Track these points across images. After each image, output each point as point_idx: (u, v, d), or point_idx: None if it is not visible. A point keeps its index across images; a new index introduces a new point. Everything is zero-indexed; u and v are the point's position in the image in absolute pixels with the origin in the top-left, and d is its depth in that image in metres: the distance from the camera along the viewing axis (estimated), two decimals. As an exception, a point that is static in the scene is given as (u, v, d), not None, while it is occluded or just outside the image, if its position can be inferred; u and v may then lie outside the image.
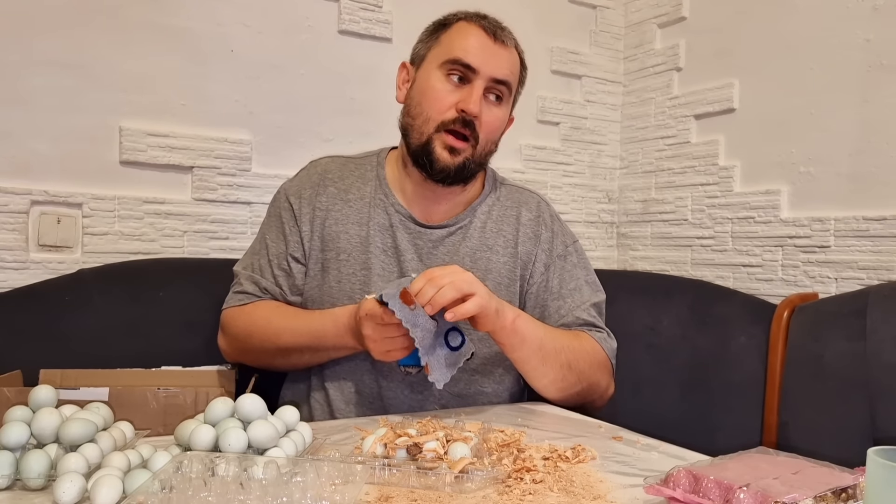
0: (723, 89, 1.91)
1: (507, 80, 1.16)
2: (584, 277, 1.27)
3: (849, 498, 0.68)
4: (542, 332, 1.10)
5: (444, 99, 1.13)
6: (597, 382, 1.18)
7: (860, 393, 1.28)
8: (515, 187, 1.33)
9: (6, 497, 0.69)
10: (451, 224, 1.22)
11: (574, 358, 1.13)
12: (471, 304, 0.96)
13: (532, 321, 1.09)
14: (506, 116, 1.21)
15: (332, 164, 1.29)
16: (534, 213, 1.28)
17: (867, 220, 1.58)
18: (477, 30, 1.15)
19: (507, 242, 1.25)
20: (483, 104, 1.14)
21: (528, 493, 0.74)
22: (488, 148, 1.19)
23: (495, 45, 1.15)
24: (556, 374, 1.11)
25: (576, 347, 1.14)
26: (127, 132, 1.57)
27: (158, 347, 1.37)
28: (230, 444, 0.75)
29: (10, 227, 1.47)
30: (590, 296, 1.25)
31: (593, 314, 1.24)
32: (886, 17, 1.57)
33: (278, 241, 1.24)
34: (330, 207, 1.23)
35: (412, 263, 1.19)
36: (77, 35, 1.52)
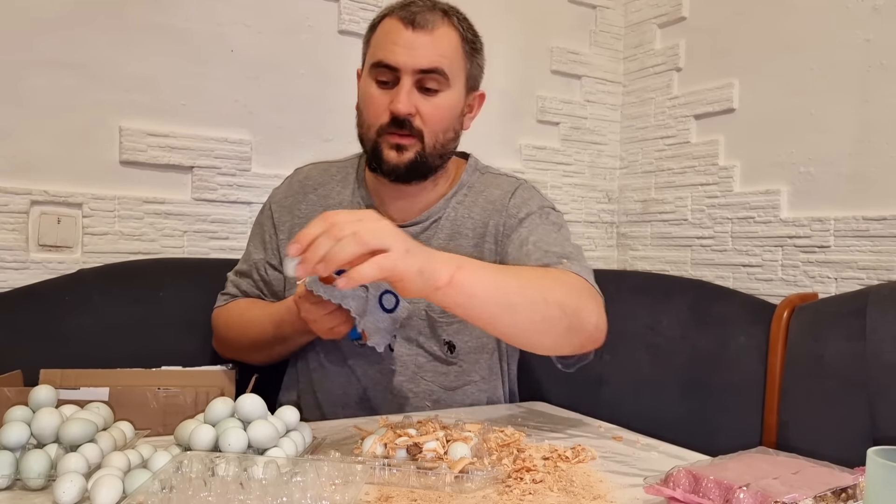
0: (723, 89, 1.91)
1: (436, 66, 1.10)
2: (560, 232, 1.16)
3: (849, 498, 0.69)
4: (499, 276, 0.89)
5: (378, 104, 1.11)
6: (581, 308, 0.96)
7: (860, 393, 1.28)
8: (493, 174, 1.27)
9: (6, 497, 0.70)
10: (424, 220, 1.21)
11: (546, 289, 0.93)
12: (370, 267, 0.74)
13: (482, 268, 0.88)
14: (453, 102, 1.15)
15: (313, 170, 1.31)
16: (504, 190, 1.22)
17: (867, 220, 1.58)
18: (396, 24, 1.10)
19: (476, 224, 1.20)
20: (418, 98, 1.10)
21: (528, 493, 0.74)
22: (442, 139, 1.14)
23: (415, 34, 1.09)
24: (534, 315, 0.90)
25: (544, 276, 0.98)
26: (127, 132, 1.57)
27: (158, 347, 1.37)
28: (230, 444, 0.75)
29: (10, 227, 1.47)
30: (555, 245, 1.10)
31: (568, 249, 1.09)
32: (886, 17, 1.57)
33: (258, 249, 1.30)
34: (310, 215, 1.24)
35: None
36: (77, 35, 1.52)
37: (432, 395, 1.19)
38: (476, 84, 1.22)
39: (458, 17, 1.15)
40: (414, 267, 0.77)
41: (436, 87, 1.11)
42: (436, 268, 0.80)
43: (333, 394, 1.21)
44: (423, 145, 1.12)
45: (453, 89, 1.14)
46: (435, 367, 1.19)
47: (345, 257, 0.74)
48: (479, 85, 1.23)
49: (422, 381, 1.19)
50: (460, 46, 1.15)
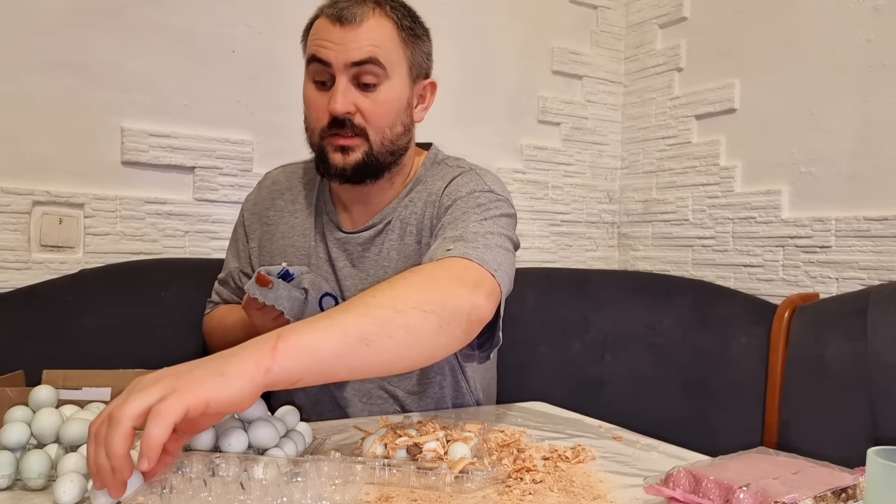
0: (724, 89, 1.91)
1: (368, 56, 1.03)
2: (471, 217, 1.03)
3: (849, 498, 0.69)
4: (334, 316, 0.74)
5: (317, 105, 1.07)
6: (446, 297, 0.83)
7: (861, 393, 1.28)
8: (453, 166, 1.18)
9: (6, 497, 0.70)
10: (378, 223, 1.16)
11: (398, 297, 0.80)
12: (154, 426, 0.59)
13: (310, 319, 0.74)
14: (395, 94, 1.08)
15: (281, 174, 1.29)
16: (445, 180, 1.14)
17: (868, 220, 1.58)
18: (324, 22, 1.06)
19: (418, 219, 1.14)
20: (356, 95, 1.05)
21: (528, 493, 0.74)
22: (389, 134, 1.08)
23: (343, 29, 1.04)
24: (394, 333, 0.76)
25: (395, 284, 0.82)
26: (128, 132, 1.57)
27: (160, 348, 1.38)
28: (230, 444, 0.76)
29: (12, 228, 1.47)
30: (457, 228, 1.00)
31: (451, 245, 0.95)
32: (887, 17, 1.56)
33: (234, 258, 1.30)
34: (278, 221, 1.24)
35: (344, 270, 1.16)
36: (79, 35, 1.52)
37: (398, 399, 1.19)
38: (423, 72, 1.14)
39: (392, 5, 1.09)
40: (204, 381, 0.62)
41: (373, 80, 1.05)
42: (246, 354, 0.66)
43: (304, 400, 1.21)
44: (370, 144, 1.07)
45: (393, 80, 1.07)
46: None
47: (116, 449, 0.59)
48: (428, 73, 1.15)
49: (388, 387, 1.18)
50: (396, 34, 1.07)
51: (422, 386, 1.19)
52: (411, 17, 1.11)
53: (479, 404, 1.25)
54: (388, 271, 1.14)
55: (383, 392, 1.19)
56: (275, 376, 0.66)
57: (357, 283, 1.16)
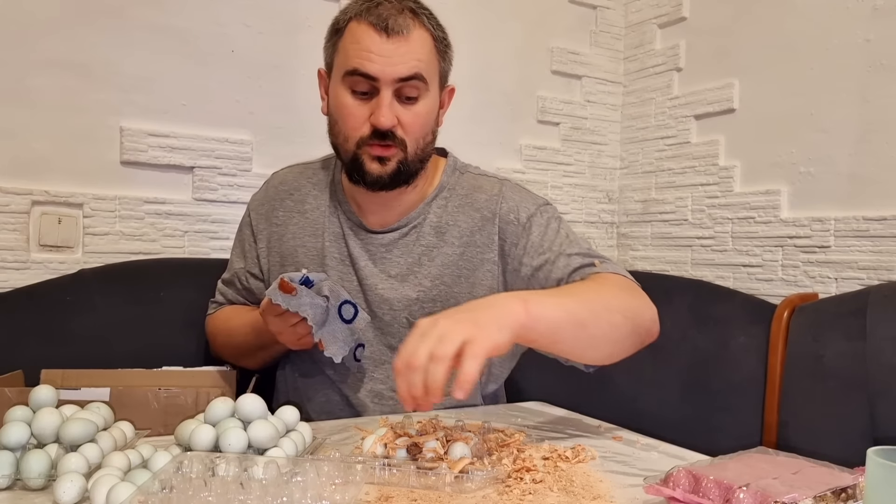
0: (723, 89, 1.91)
1: (415, 72, 1.05)
2: (560, 229, 1.16)
3: (848, 498, 0.69)
4: (559, 296, 0.91)
5: (356, 115, 1.07)
6: (639, 308, 1.01)
7: (860, 393, 1.28)
8: (472, 174, 1.23)
9: (6, 497, 0.70)
10: (403, 225, 1.17)
11: (605, 297, 0.96)
12: (470, 367, 0.74)
13: (542, 294, 0.92)
14: (430, 106, 1.11)
15: (289, 174, 1.29)
16: (489, 194, 1.18)
17: (867, 220, 1.58)
18: (367, 30, 1.05)
19: (462, 232, 1.17)
20: (398, 108, 1.07)
21: (528, 493, 0.74)
22: (422, 144, 1.11)
23: (390, 41, 1.04)
24: (603, 327, 0.92)
25: (596, 286, 1.00)
26: (128, 132, 1.57)
27: (159, 348, 1.38)
28: (230, 444, 0.75)
29: (11, 228, 1.47)
30: (570, 246, 1.13)
31: (585, 249, 1.12)
32: (886, 17, 1.57)
33: (239, 258, 1.30)
34: (287, 222, 1.24)
35: (366, 269, 1.17)
36: (78, 35, 1.52)
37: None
38: (447, 79, 1.17)
39: (427, 15, 1.10)
40: (491, 333, 0.77)
41: (415, 93, 1.07)
42: (506, 310, 0.81)
43: (316, 400, 1.21)
44: (406, 153, 1.09)
45: (431, 93, 1.10)
46: None
47: (441, 381, 0.74)
48: (448, 79, 1.18)
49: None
50: (433, 47, 1.10)
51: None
52: (441, 28, 1.13)
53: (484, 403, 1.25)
54: (416, 274, 1.16)
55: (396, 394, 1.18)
56: (525, 333, 0.82)
57: (378, 281, 1.17)
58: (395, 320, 1.16)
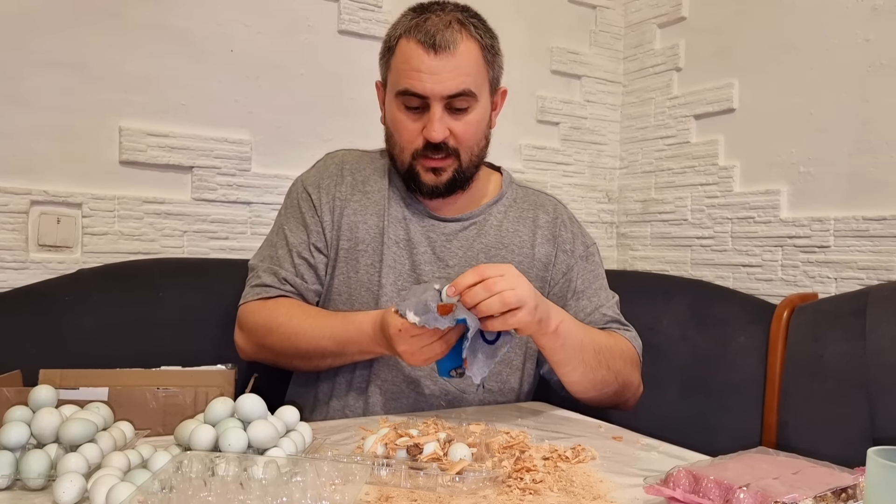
0: (722, 89, 1.91)
1: (464, 89, 1.10)
2: (604, 278, 1.29)
3: (849, 498, 0.69)
4: (582, 334, 1.08)
5: (410, 129, 1.12)
6: (630, 381, 1.17)
7: (860, 393, 1.28)
8: (531, 190, 1.33)
9: (6, 497, 0.70)
10: (466, 218, 1.22)
11: (610, 357, 1.12)
12: (512, 320, 0.92)
13: (574, 323, 1.08)
14: (482, 115, 1.15)
15: (348, 155, 1.30)
16: (551, 216, 1.28)
17: (867, 220, 1.58)
18: (416, 49, 1.08)
19: (524, 243, 1.24)
20: (449, 120, 1.11)
21: (529, 492, 0.74)
22: (476, 150, 1.17)
23: (437, 58, 1.08)
24: (594, 374, 1.10)
25: (611, 346, 1.14)
26: (127, 132, 1.57)
27: (158, 347, 1.37)
28: (230, 444, 0.75)
29: (10, 227, 1.47)
30: (611, 296, 1.27)
31: (618, 312, 1.25)
32: (886, 17, 1.57)
33: (298, 231, 1.22)
34: (349, 197, 1.24)
35: (425, 256, 1.19)
36: (77, 35, 1.52)
37: (447, 395, 1.19)
38: (499, 83, 1.21)
39: (475, 25, 1.13)
40: (536, 319, 0.95)
41: (465, 105, 1.11)
42: (549, 318, 0.99)
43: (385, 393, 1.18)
44: (460, 162, 1.14)
45: (481, 102, 1.14)
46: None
47: (491, 311, 0.91)
48: (500, 82, 1.21)
49: (439, 380, 1.18)
50: (482, 57, 1.13)
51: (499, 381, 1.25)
52: (490, 34, 1.16)
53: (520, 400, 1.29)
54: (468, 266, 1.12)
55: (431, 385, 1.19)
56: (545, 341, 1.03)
57: (434, 269, 1.20)
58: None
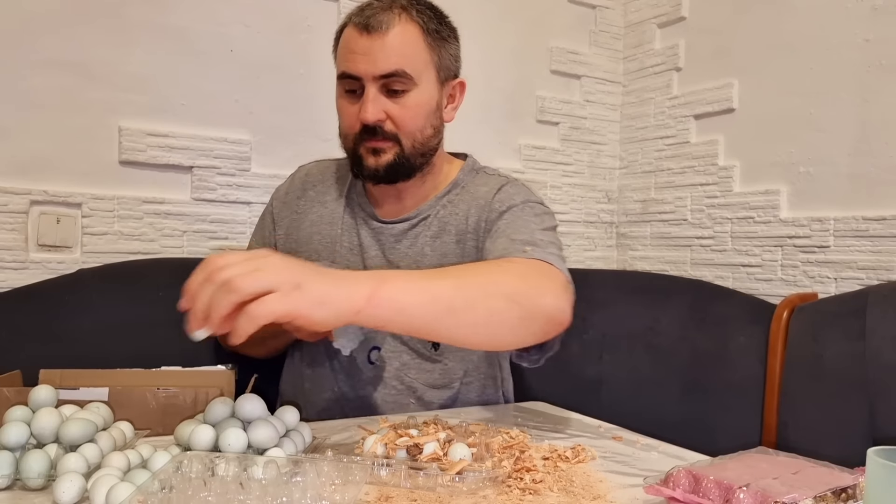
0: (722, 89, 1.91)
1: (396, 69, 1.07)
2: (530, 223, 1.08)
3: (849, 498, 0.69)
4: (432, 281, 0.83)
5: (349, 113, 1.12)
6: (536, 293, 0.90)
7: (860, 393, 1.28)
8: (492, 175, 1.23)
9: (6, 497, 0.69)
10: (412, 217, 1.20)
11: (490, 281, 0.88)
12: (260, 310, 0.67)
13: (411, 277, 0.84)
14: (421, 100, 1.11)
15: (315, 168, 1.33)
16: (490, 187, 1.18)
17: (867, 220, 1.58)
18: (352, 31, 1.09)
19: (459, 221, 1.18)
20: (386, 102, 1.09)
21: (528, 492, 0.74)
22: (420, 137, 1.12)
23: (371, 38, 1.06)
24: (478, 313, 0.84)
25: (488, 269, 0.93)
26: (126, 132, 1.57)
27: (158, 347, 1.37)
28: (230, 444, 0.75)
29: (10, 227, 1.47)
30: (522, 233, 1.05)
31: (523, 245, 1.01)
32: (886, 17, 1.57)
33: (258, 245, 1.32)
34: (307, 211, 1.27)
35: (375, 260, 1.20)
36: (76, 35, 1.52)
37: (416, 392, 1.19)
38: (452, 73, 1.17)
39: (418, 9, 1.10)
40: (309, 300, 0.70)
41: (402, 87, 1.09)
42: (347, 291, 0.74)
43: (323, 388, 1.22)
44: (401, 147, 1.11)
45: (422, 86, 1.10)
46: (419, 364, 1.19)
47: (223, 311, 0.68)
48: (457, 73, 1.18)
49: (405, 378, 1.19)
50: (422, 39, 1.10)
51: (445, 379, 1.20)
52: (438, 19, 1.13)
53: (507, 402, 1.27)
54: (420, 265, 1.18)
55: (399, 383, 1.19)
56: (362, 319, 0.75)
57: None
58: None
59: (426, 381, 1.19)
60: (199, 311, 0.69)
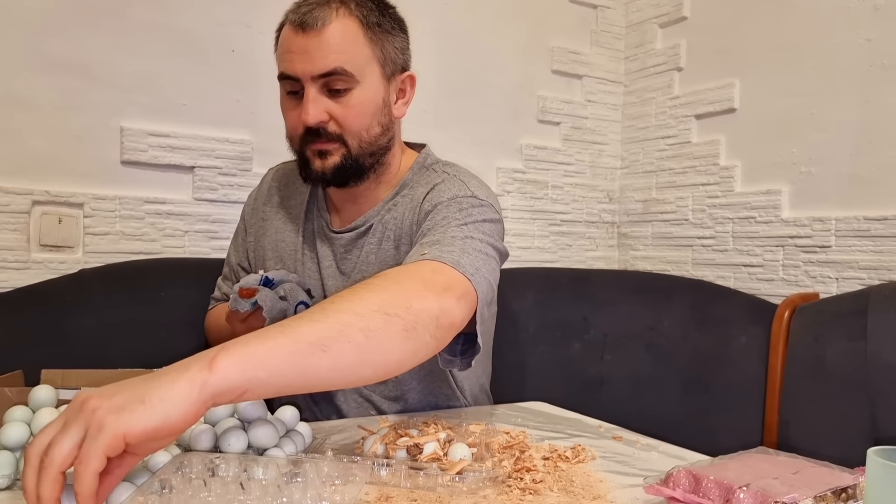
0: (723, 89, 1.91)
1: (333, 67, 1.01)
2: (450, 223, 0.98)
3: (849, 498, 0.69)
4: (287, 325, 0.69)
5: (292, 116, 1.08)
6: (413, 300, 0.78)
7: (861, 393, 1.28)
8: (437, 171, 1.13)
9: (6, 497, 0.70)
10: (360, 225, 1.15)
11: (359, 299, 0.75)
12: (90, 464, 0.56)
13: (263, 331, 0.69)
14: (365, 97, 1.05)
15: (281, 170, 1.31)
16: (427, 186, 1.10)
17: (868, 219, 1.58)
18: (288, 30, 1.05)
19: (398, 224, 1.12)
20: (327, 102, 1.04)
21: (528, 492, 0.74)
22: (366, 137, 1.07)
23: (306, 36, 1.02)
24: (354, 338, 0.70)
25: (359, 288, 0.78)
26: (128, 132, 1.57)
27: (160, 347, 1.37)
28: (230, 444, 0.76)
29: (12, 227, 1.47)
30: (434, 234, 0.96)
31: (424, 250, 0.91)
32: (887, 17, 1.56)
33: (234, 252, 1.33)
34: (273, 216, 1.25)
35: (329, 270, 1.17)
36: (79, 35, 1.52)
37: (375, 404, 1.18)
38: (399, 67, 1.10)
39: (357, 2, 1.05)
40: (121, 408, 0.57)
41: (343, 86, 1.03)
42: (173, 375, 0.60)
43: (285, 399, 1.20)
44: (348, 147, 1.06)
45: (365, 83, 1.05)
46: None
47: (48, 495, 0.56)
48: (405, 66, 1.12)
49: (363, 390, 1.18)
50: (362, 34, 1.04)
51: (398, 391, 1.17)
52: (379, 12, 1.07)
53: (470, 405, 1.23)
54: (364, 274, 1.13)
55: (358, 396, 1.19)
56: (213, 390, 0.60)
57: (339, 283, 1.16)
58: None
59: (382, 393, 1.18)
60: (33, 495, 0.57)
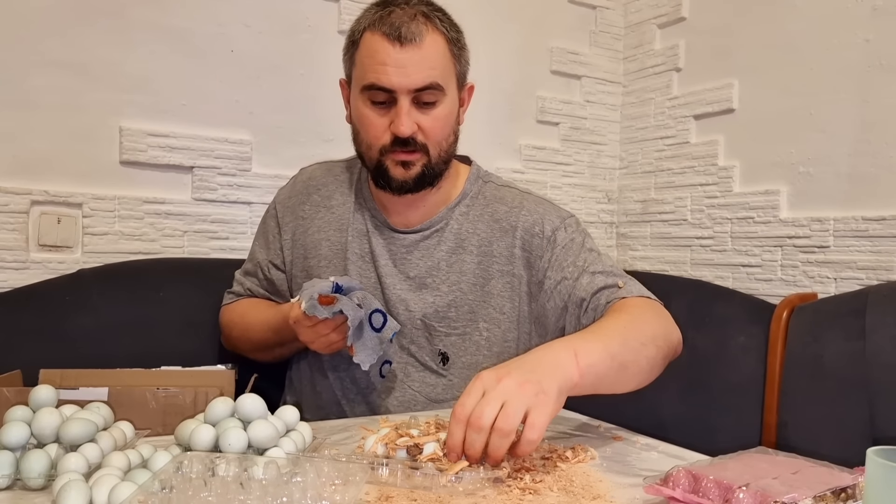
0: (722, 90, 1.91)
1: (430, 82, 1.06)
2: (585, 245, 1.17)
3: (848, 498, 0.69)
4: (605, 341, 0.90)
5: (377, 125, 1.09)
6: (669, 332, 1.03)
7: (859, 393, 1.28)
8: (502, 185, 1.25)
9: (6, 497, 0.70)
10: (426, 228, 1.19)
11: (640, 331, 0.97)
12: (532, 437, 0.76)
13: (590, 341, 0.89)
14: (449, 109, 1.12)
15: (317, 170, 1.31)
16: (509, 206, 1.19)
17: (866, 220, 1.58)
18: (381, 41, 1.05)
19: (481, 241, 1.18)
20: (416, 114, 1.08)
21: (528, 492, 0.74)
22: (445, 146, 1.13)
23: (403, 50, 1.04)
24: (641, 363, 0.95)
25: (631, 319, 0.99)
26: (127, 132, 1.57)
27: (158, 347, 1.37)
28: (230, 444, 0.75)
29: (11, 227, 1.47)
30: (593, 263, 1.14)
31: (607, 278, 1.11)
32: (886, 17, 1.57)
33: (262, 249, 1.31)
34: (313, 215, 1.25)
35: (386, 269, 1.18)
36: (78, 35, 1.52)
37: (416, 405, 1.18)
38: (465, 79, 1.17)
39: (440, 18, 1.09)
40: (553, 398, 0.78)
41: (433, 99, 1.08)
42: (563, 373, 0.82)
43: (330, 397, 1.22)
44: (429, 157, 1.11)
45: (448, 96, 1.11)
46: (423, 377, 1.19)
47: (503, 454, 0.76)
48: (466, 77, 1.18)
49: (408, 390, 1.18)
50: (448, 51, 1.10)
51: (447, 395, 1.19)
52: (455, 28, 1.12)
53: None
54: (432, 277, 1.17)
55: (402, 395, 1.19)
56: (577, 391, 0.83)
57: (396, 281, 1.18)
58: (410, 321, 1.17)
59: (428, 394, 1.19)
60: (477, 455, 0.75)
